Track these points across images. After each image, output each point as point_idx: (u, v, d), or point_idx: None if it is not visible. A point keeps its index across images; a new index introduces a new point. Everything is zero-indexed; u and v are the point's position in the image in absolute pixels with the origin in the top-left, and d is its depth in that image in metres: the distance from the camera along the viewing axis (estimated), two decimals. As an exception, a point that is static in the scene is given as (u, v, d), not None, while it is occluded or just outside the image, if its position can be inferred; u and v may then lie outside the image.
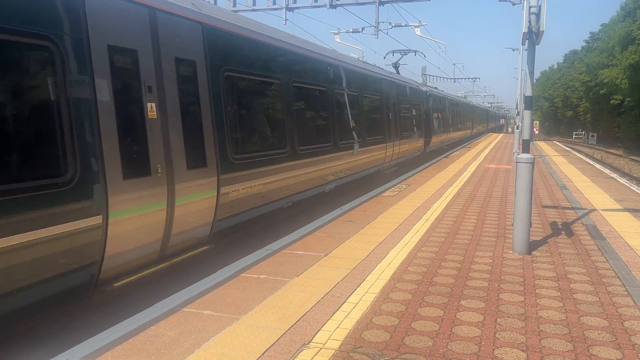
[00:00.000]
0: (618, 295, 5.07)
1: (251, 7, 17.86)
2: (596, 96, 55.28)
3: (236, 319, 4.47)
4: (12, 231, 3.90)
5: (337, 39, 24.59)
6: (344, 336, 4.13)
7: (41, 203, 4.15)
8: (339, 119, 11.41)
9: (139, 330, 4.20)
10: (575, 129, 69.70)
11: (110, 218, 4.82)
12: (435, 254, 6.53)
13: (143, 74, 5.40)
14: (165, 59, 5.73)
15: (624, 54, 44.43)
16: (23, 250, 4.01)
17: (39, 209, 4.13)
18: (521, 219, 6.50)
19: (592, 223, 8.43)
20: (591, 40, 68.13)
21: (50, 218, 4.22)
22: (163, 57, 5.71)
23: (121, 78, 5.13)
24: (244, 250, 7.05)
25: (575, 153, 28.38)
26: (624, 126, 46.97)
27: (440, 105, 27.89)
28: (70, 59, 4.51)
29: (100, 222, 4.71)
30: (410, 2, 17.15)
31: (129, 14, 5.25)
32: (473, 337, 4.12)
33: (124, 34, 5.16)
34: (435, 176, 15.34)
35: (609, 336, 4.15)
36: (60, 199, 4.32)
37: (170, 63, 5.82)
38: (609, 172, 17.27)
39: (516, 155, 7.44)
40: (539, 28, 6.73)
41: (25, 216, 4.01)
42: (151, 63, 5.52)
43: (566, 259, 6.35)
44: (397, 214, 9.26)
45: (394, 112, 16.74)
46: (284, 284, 5.38)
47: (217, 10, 7.40)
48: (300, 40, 10.35)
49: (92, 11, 4.77)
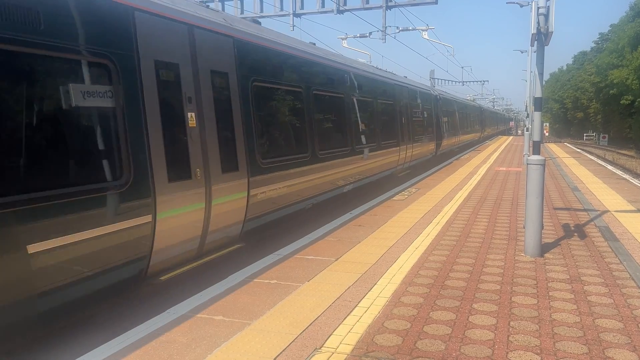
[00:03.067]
0: (633, 297, 5.01)
1: (258, 14, 17.96)
2: (606, 97, 54.86)
3: (247, 324, 4.47)
4: (80, 228, 4.40)
5: (345, 44, 24.65)
6: (355, 340, 4.12)
7: (104, 203, 4.68)
8: (356, 124, 11.80)
9: (151, 337, 4.22)
10: (586, 131, 69.22)
11: (158, 217, 5.31)
12: (446, 258, 6.50)
13: (184, 86, 5.86)
14: (202, 71, 6.19)
15: (633, 54, 44.15)
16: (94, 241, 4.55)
17: (102, 207, 4.66)
18: (533, 221, 6.45)
19: (604, 224, 8.35)
20: (600, 41, 67.75)
21: (110, 216, 4.75)
22: (200, 70, 6.16)
23: (166, 90, 5.59)
24: (254, 256, 7.05)
25: (586, 155, 28.15)
26: (636, 127, 46.57)
27: (450, 109, 27.93)
28: (124, 75, 4.99)
29: (150, 220, 5.20)
30: (417, 6, 17.17)
31: (171, 31, 5.73)
32: (486, 340, 4.09)
33: (168, 49, 5.64)
34: (445, 179, 15.28)
35: (624, 338, 4.10)
36: (118, 200, 4.84)
37: (207, 75, 6.27)
38: (621, 174, 17.10)
39: (526, 158, 7.39)
40: (547, 29, 6.70)
41: (91, 213, 4.53)
42: (190, 76, 5.97)
43: (579, 260, 6.29)
44: (407, 217, 9.23)
45: (406, 116, 17.07)
46: (295, 289, 5.37)
47: (245, 24, 7.87)
48: (319, 50, 10.81)
49: (141, 29, 5.24)
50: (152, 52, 5.39)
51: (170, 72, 5.65)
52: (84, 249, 4.48)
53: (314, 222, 9.47)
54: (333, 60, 11.08)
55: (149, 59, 5.34)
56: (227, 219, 6.58)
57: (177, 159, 5.65)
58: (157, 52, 5.47)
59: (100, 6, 4.81)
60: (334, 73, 10.87)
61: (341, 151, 10.68)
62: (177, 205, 5.59)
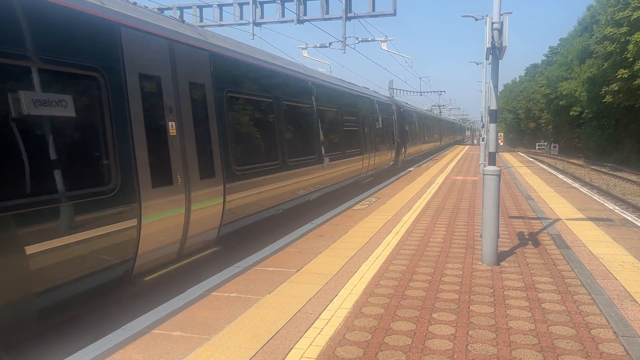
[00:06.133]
0: (584, 304, 5.19)
1: (218, 22, 17.82)
2: (557, 108, 57.02)
3: (206, 339, 4.38)
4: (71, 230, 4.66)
5: (305, 53, 24.75)
6: (317, 354, 4.09)
7: (95, 207, 4.94)
8: (324, 133, 12.21)
9: (105, 355, 4.07)
10: (538, 140, 71.66)
11: (143, 220, 5.57)
12: (406, 267, 6.56)
13: (165, 97, 6.17)
14: (181, 83, 6.52)
15: (582, 67, 46.10)
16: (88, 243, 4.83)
17: (94, 211, 4.93)
18: (489, 230, 6.60)
19: (557, 232, 8.63)
20: (551, 54, 70.46)
21: (100, 220, 5.00)
22: (180, 82, 6.49)
23: (150, 101, 5.90)
24: (213, 268, 6.94)
25: (538, 163, 29.13)
26: (584, 137, 48.55)
27: (410, 119, 28.42)
28: (111, 87, 5.27)
29: (135, 223, 5.46)
30: (376, 17, 17.41)
31: (153, 46, 6.05)
32: (445, 350, 4.14)
33: (150, 62, 5.97)
34: (404, 189, 15.49)
35: (577, 345, 4.23)
36: (106, 204, 5.09)
37: (185, 87, 6.60)
38: (571, 182, 17.77)
39: (482, 168, 7.57)
40: (501, 43, 6.90)
41: (83, 217, 4.80)
42: (171, 87, 6.29)
43: (533, 268, 6.47)
44: (367, 227, 9.29)
45: (369, 127, 17.60)
46: (255, 302, 5.30)
47: (219, 38, 8.21)
48: (289, 62, 11.12)
49: (126, 44, 5.55)
50: (136, 65, 5.69)
51: (153, 84, 5.97)
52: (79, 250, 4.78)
53: (274, 233, 9.41)
54: (301, 72, 11.37)
55: (134, 72, 5.63)
56: (205, 223, 6.87)
57: (160, 165, 5.94)
58: (141, 65, 5.78)
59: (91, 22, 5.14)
60: (302, 85, 11.27)
61: (309, 159, 11.04)
62: (159, 209, 5.87)
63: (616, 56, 33.60)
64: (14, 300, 4.21)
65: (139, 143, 5.60)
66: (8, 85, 4.23)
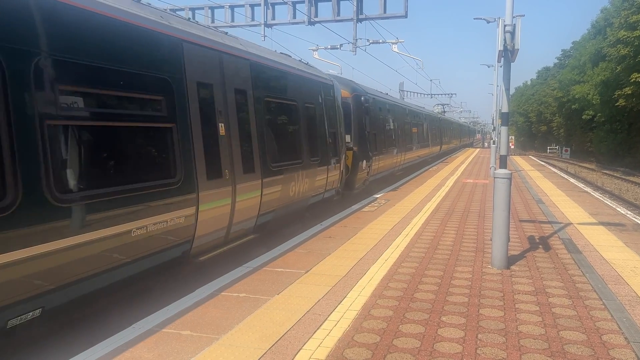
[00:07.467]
0: (595, 309, 5.14)
1: (230, 23, 17.90)
2: (569, 112, 56.59)
3: (216, 339, 4.40)
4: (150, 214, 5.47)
5: (316, 55, 24.78)
6: (325, 355, 4.09)
7: (167, 195, 5.75)
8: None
9: (115, 353, 4.10)
10: (550, 144, 71.10)
11: (200, 208, 6.35)
12: (415, 270, 6.54)
13: (216, 102, 7.03)
14: (229, 89, 7.35)
15: (595, 70, 45.70)
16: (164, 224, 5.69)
17: (167, 198, 5.74)
18: (499, 233, 6.56)
19: (568, 237, 8.56)
20: (563, 57, 69.96)
21: (170, 206, 5.80)
22: (227, 88, 7.31)
23: (205, 105, 6.73)
24: (223, 268, 6.96)
25: (549, 167, 28.93)
26: (596, 141, 48.11)
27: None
28: (176, 94, 6.08)
29: (194, 211, 6.25)
30: (387, 19, 17.41)
31: (207, 57, 6.92)
32: (454, 353, 4.12)
33: (205, 72, 6.82)
34: (414, 191, 15.45)
35: (587, 350, 4.19)
36: (173, 193, 5.88)
37: (232, 93, 7.44)
38: (582, 186, 17.63)
39: (493, 171, 7.53)
40: (514, 46, 6.86)
41: (161, 202, 5.63)
42: (220, 93, 7.12)
43: (544, 273, 6.42)
44: (377, 229, 9.27)
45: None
46: (264, 303, 5.32)
47: (255, 47, 8.94)
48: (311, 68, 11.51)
49: (187, 56, 6.39)
50: (195, 75, 6.53)
51: (208, 90, 6.85)
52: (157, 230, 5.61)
53: (282, 234, 9.42)
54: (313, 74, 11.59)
55: (193, 80, 6.47)
56: (245, 213, 7.64)
57: (213, 161, 6.77)
58: (198, 74, 6.63)
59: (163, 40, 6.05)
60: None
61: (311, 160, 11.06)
62: (212, 199, 6.65)
63: (630, 59, 33.28)
64: (125, 261, 5.23)
65: (197, 141, 6.43)
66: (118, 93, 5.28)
